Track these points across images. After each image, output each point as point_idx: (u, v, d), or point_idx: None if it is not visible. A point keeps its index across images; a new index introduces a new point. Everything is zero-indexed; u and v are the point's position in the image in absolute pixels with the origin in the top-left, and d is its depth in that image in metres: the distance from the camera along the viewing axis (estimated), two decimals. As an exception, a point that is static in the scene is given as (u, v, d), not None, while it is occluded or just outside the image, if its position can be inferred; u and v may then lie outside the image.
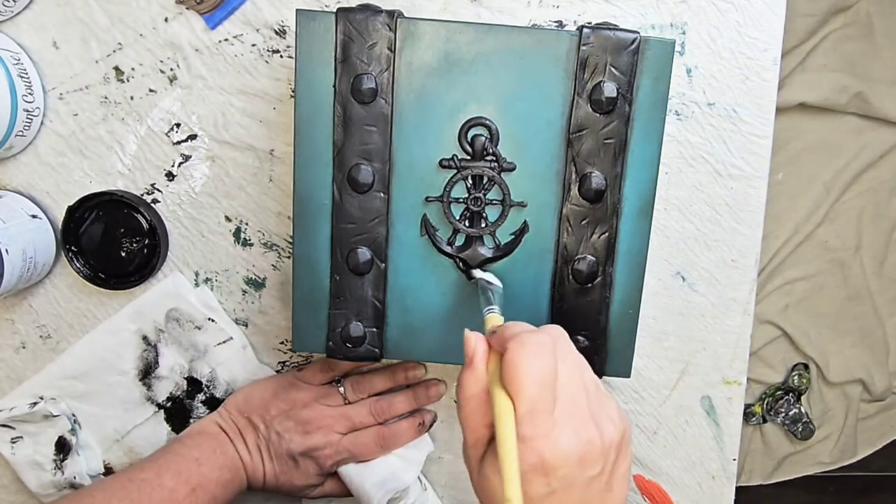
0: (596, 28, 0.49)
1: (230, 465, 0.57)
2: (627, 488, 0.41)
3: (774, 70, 0.58)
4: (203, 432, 0.58)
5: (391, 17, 0.49)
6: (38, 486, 0.63)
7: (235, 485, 0.57)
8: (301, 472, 0.58)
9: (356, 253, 0.52)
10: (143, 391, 0.63)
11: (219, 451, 0.57)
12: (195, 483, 0.54)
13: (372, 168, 0.51)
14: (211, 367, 0.63)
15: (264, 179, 0.60)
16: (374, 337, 0.54)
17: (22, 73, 0.56)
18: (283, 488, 0.59)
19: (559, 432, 0.37)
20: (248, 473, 0.58)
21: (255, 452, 0.58)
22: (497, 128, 0.50)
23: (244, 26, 0.58)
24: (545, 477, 0.37)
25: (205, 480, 0.55)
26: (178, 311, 0.61)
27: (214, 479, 0.55)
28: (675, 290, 0.62)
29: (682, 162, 0.60)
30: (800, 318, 1.39)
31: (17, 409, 0.62)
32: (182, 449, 0.56)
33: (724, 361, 0.63)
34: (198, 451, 0.56)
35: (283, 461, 0.58)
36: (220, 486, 0.55)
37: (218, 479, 0.55)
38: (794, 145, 1.32)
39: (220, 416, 0.59)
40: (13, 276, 0.55)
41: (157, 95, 0.59)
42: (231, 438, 0.58)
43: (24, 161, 0.60)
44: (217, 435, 0.58)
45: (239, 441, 0.58)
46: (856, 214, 1.36)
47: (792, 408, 1.40)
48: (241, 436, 0.58)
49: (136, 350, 0.62)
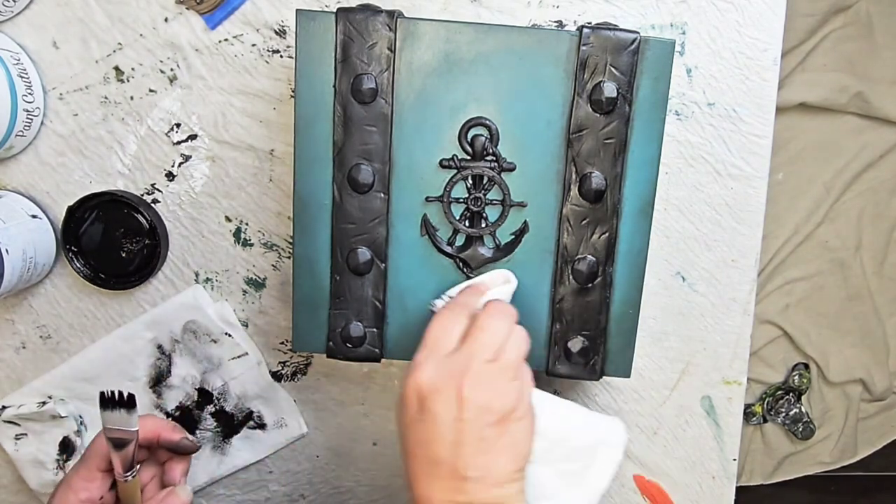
0: (596, 28, 0.49)
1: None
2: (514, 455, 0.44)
3: (774, 70, 0.58)
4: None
5: (391, 17, 0.49)
6: (39, 485, 0.63)
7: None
8: None
9: (356, 253, 0.52)
10: (152, 399, 0.63)
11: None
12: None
13: (372, 168, 0.51)
14: (224, 381, 0.63)
15: (264, 179, 0.60)
16: (374, 337, 0.54)
17: (22, 73, 0.56)
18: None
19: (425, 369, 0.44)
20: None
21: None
22: (497, 128, 0.50)
23: (244, 26, 0.58)
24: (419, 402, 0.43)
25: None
26: (196, 324, 0.61)
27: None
28: (675, 290, 0.62)
29: (682, 162, 0.60)
30: (800, 318, 1.39)
31: (25, 406, 0.62)
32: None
33: (724, 361, 0.63)
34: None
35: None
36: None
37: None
38: (794, 145, 1.32)
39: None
40: (13, 276, 0.55)
41: (157, 95, 0.59)
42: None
43: (24, 161, 0.60)
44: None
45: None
46: (856, 214, 1.36)
47: (792, 408, 1.40)
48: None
49: (150, 358, 0.62)
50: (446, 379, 0.43)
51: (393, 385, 0.65)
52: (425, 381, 0.43)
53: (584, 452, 0.49)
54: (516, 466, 0.44)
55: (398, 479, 0.67)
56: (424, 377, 0.43)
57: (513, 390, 0.44)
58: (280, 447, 0.66)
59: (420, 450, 0.44)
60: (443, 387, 0.43)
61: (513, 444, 0.44)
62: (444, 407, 0.43)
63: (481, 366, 0.44)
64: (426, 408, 0.43)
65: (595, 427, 0.49)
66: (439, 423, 0.43)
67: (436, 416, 0.43)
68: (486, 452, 0.43)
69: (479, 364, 0.44)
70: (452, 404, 0.43)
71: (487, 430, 0.43)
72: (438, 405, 0.43)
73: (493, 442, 0.43)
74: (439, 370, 0.44)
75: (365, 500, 0.68)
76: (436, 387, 0.43)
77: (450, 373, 0.43)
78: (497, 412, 0.43)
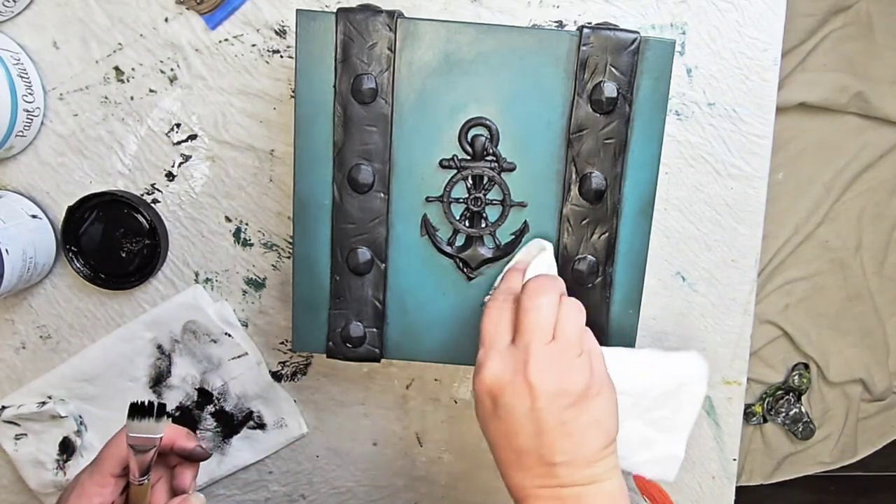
0: (596, 28, 0.49)
1: None
2: (604, 430, 0.43)
3: (774, 70, 0.58)
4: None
5: (391, 17, 0.49)
6: (38, 485, 0.63)
7: None
8: None
9: (356, 253, 0.52)
10: (152, 399, 0.63)
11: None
12: None
13: (372, 168, 0.51)
14: (223, 381, 0.63)
15: (264, 179, 0.60)
16: (374, 337, 0.54)
17: (22, 73, 0.56)
18: None
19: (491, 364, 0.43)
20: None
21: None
22: (497, 128, 0.50)
23: (244, 26, 0.58)
24: (491, 401, 0.43)
25: None
26: (196, 324, 0.61)
27: None
28: (675, 290, 0.62)
29: (682, 162, 0.60)
30: (800, 318, 1.39)
31: (24, 406, 0.62)
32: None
33: (724, 361, 0.63)
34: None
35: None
36: None
37: None
38: (794, 145, 1.32)
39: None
40: (13, 276, 0.55)
41: (157, 95, 0.59)
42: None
43: (24, 161, 0.60)
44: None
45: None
46: (856, 214, 1.36)
47: (792, 408, 1.40)
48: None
49: (150, 358, 0.62)
50: (511, 372, 0.42)
51: (393, 385, 0.65)
52: (492, 379, 0.43)
53: (669, 397, 0.49)
54: (604, 443, 0.43)
55: (398, 479, 0.67)
56: (490, 375, 0.43)
57: (581, 367, 0.43)
58: (280, 447, 0.66)
59: (504, 443, 0.43)
60: (510, 380, 0.42)
61: (595, 422, 0.43)
62: (517, 400, 0.42)
63: (541, 350, 0.42)
64: (500, 404, 0.43)
65: (674, 369, 0.49)
66: (516, 416, 0.42)
67: (511, 411, 0.42)
68: (569, 435, 0.42)
69: (538, 348, 0.42)
70: (524, 396, 0.42)
71: (566, 413, 0.42)
72: (510, 399, 0.42)
73: (574, 424, 0.42)
74: (502, 365, 0.43)
75: (365, 500, 0.68)
76: (503, 382, 0.42)
77: (513, 365, 0.42)
78: (571, 393, 0.42)
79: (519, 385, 0.42)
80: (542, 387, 0.42)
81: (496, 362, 0.43)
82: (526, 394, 0.42)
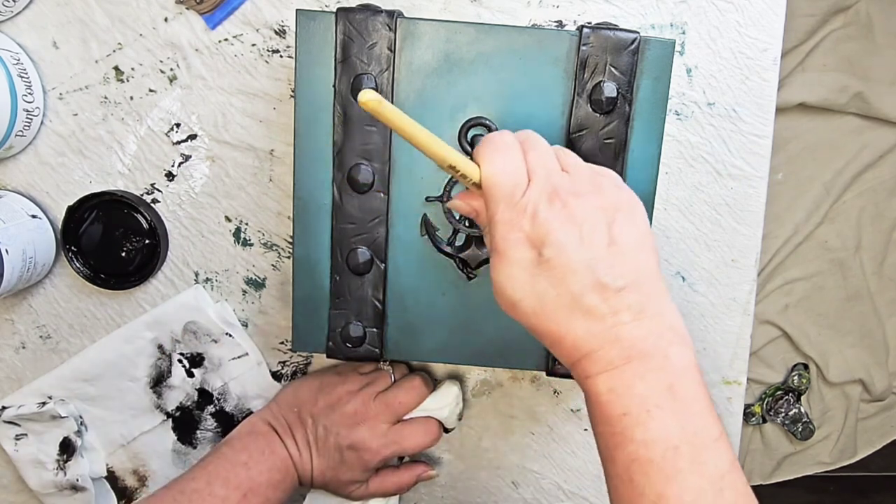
0: (596, 28, 0.49)
1: (280, 466, 0.56)
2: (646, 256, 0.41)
3: (774, 70, 0.58)
4: (252, 432, 0.57)
5: (391, 17, 0.49)
6: (39, 485, 0.63)
7: (287, 484, 0.56)
8: (347, 466, 0.57)
9: (356, 253, 0.52)
10: (153, 399, 0.63)
11: (268, 451, 0.55)
12: (246, 488, 0.53)
13: (372, 168, 0.51)
14: (224, 381, 0.63)
15: (264, 179, 0.60)
16: (374, 337, 0.54)
17: (22, 73, 0.56)
18: (330, 485, 0.58)
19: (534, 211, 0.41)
20: (298, 471, 0.57)
21: (304, 448, 0.57)
22: (497, 128, 0.50)
23: (244, 26, 0.58)
24: (534, 249, 0.40)
25: (255, 484, 0.54)
26: (196, 325, 0.61)
27: (265, 481, 0.54)
28: (675, 290, 0.62)
29: (682, 162, 0.60)
30: (800, 318, 1.39)
31: (25, 407, 0.62)
32: (230, 453, 0.55)
33: (724, 361, 0.63)
34: (246, 455, 0.55)
35: (330, 456, 0.57)
36: (270, 487, 0.55)
37: (268, 482, 0.54)
38: (794, 145, 1.32)
39: (271, 413, 0.58)
40: (13, 276, 0.55)
41: (157, 95, 0.59)
42: (281, 436, 0.57)
43: (24, 161, 0.60)
44: (267, 434, 0.57)
45: (289, 438, 0.57)
46: (856, 214, 1.36)
47: (792, 408, 1.40)
48: (290, 432, 0.57)
49: (151, 358, 0.62)
50: (547, 209, 0.40)
51: (393, 385, 0.65)
52: (535, 227, 0.40)
53: None
54: (657, 260, 0.42)
55: (398, 479, 0.67)
56: (530, 225, 0.40)
57: (606, 186, 0.42)
58: (280, 447, 0.66)
59: (560, 296, 0.40)
60: (553, 217, 0.40)
61: (643, 236, 0.41)
62: (565, 234, 0.40)
63: (561, 181, 0.41)
64: (546, 243, 0.40)
65: None
66: (567, 252, 0.39)
67: (561, 248, 0.39)
68: (623, 255, 0.40)
69: (558, 180, 0.41)
70: (572, 228, 0.40)
71: (613, 229, 0.40)
72: (559, 235, 0.40)
73: (621, 242, 0.40)
74: (538, 208, 0.40)
75: (365, 500, 0.68)
76: (548, 222, 0.40)
77: (548, 203, 0.40)
78: (609, 208, 0.41)
79: (562, 219, 0.40)
80: (580, 211, 0.40)
81: (529, 212, 0.40)
82: (573, 225, 0.40)
